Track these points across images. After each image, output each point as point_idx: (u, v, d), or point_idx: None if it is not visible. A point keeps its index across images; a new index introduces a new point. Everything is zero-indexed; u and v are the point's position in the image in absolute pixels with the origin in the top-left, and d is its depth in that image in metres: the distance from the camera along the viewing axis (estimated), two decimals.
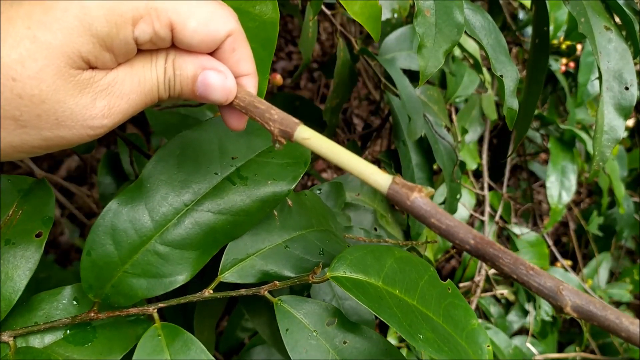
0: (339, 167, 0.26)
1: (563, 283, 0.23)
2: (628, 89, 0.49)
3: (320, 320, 0.39)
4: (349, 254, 0.39)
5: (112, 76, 0.27)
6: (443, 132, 0.86)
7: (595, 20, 0.50)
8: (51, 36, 0.24)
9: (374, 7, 0.43)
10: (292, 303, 0.39)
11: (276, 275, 0.40)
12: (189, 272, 0.38)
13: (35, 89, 0.24)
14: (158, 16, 0.26)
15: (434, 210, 0.24)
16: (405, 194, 0.24)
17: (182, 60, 0.28)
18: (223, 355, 0.77)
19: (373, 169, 0.25)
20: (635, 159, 1.39)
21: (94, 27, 0.25)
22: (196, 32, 0.27)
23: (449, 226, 0.24)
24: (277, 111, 0.29)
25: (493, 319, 1.13)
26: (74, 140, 0.27)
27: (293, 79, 0.84)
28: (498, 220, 1.18)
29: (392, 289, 0.38)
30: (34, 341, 0.36)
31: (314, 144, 0.27)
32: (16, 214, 0.37)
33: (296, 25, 1.66)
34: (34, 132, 0.25)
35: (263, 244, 0.41)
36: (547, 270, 1.15)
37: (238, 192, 0.39)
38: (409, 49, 0.83)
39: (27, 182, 0.39)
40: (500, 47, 0.50)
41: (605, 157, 0.50)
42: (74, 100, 0.25)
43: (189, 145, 0.39)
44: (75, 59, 0.25)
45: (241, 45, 0.29)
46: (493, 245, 0.23)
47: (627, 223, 1.39)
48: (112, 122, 0.27)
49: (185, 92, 0.29)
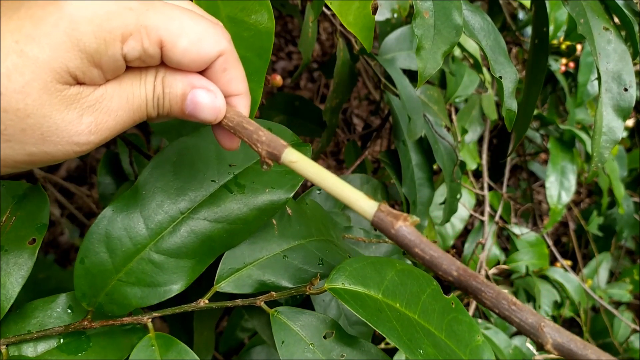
0: (326, 191, 0.26)
1: (544, 319, 0.22)
2: (627, 90, 0.49)
3: (318, 333, 0.38)
4: (348, 265, 0.39)
5: (100, 92, 0.27)
6: (443, 132, 0.86)
7: (594, 21, 0.50)
8: (39, 51, 0.24)
9: (367, 17, 0.42)
10: (289, 314, 0.38)
11: (273, 285, 0.40)
12: (184, 281, 0.37)
13: (20, 103, 0.24)
14: (148, 34, 0.26)
15: (418, 239, 0.24)
16: (390, 222, 0.24)
17: (172, 79, 0.28)
18: (223, 355, 0.77)
19: (359, 195, 0.25)
20: (635, 159, 1.39)
21: (82, 43, 0.24)
22: (187, 51, 0.27)
23: (433, 257, 0.24)
24: (265, 133, 0.29)
25: (493, 319, 1.13)
26: (59, 156, 0.26)
27: (293, 79, 0.84)
28: (498, 220, 1.18)
29: (393, 302, 0.38)
30: (26, 350, 0.36)
31: (300, 167, 0.27)
32: (10, 220, 0.37)
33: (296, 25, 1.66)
34: (19, 146, 0.25)
35: (261, 253, 0.41)
36: (547, 270, 1.16)
37: (235, 200, 0.38)
38: (408, 49, 0.83)
39: (22, 188, 0.39)
40: (499, 48, 0.50)
41: (603, 158, 0.50)
42: (60, 116, 0.25)
43: (186, 152, 0.39)
44: (62, 74, 0.25)
45: (232, 66, 0.29)
46: (476, 277, 0.23)
47: (626, 223, 1.39)
48: (98, 138, 0.27)
49: (174, 110, 0.29)
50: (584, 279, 1.33)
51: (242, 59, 0.35)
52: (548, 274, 1.16)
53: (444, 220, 0.88)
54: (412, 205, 0.76)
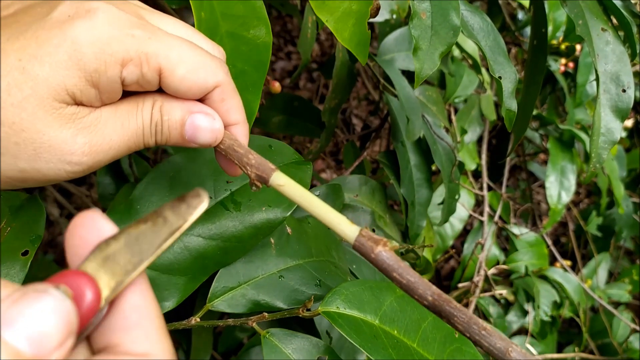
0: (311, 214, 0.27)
1: (512, 344, 0.24)
2: (625, 91, 0.49)
3: (310, 357, 0.37)
4: (344, 288, 0.38)
5: (96, 115, 0.27)
6: (442, 133, 0.86)
7: (592, 22, 0.50)
8: (39, 68, 0.25)
9: (362, 34, 0.42)
10: (281, 337, 0.37)
11: (267, 306, 0.39)
12: (176, 298, 0.37)
13: (16, 117, 0.25)
14: (148, 60, 0.27)
15: (396, 264, 0.25)
16: (371, 247, 0.25)
17: (170, 106, 0.29)
18: (221, 355, 0.77)
19: (341, 220, 0.26)
20: (634, 160, 1.39)
21: (82, 62, 0.25)
22: (184, 78, 0.28)
23: (410, 281, 0.25)
24: (255, 156, 0.30)
25: (492, 319, 1.13)
26: (50, 175, 0.26)
27: (292, 79, 0.84)
28: (497, 221, 1.18)
29: (390, 329, 0.37)
30: None
31: (287, 190, 0.28)
32: (4, 231, 0.36)
33: (295, 25, 1.66)
34: (11, 161, 0.25)
35: (256, 272, 0.40)
36: (546, 271, 1.16)
37: (231, 218, 0.38)
38: (407, 50, 0.83)
39: (19, 199, 0.38)
40: (498, 48, 0.50)
41: (602, 159, 0.50)
42: (54, 133, 0.26)
43: (183, 168, 0.38)
44: (60, 92, 0.25)
45: (230, 96, 0.30)
46: (450, 302, 0.24)
47: (626, 223, 1.39)
48: (91, 160, 0.27)
49: (173, 136, 0.29)
50: (583, 279, 1.33)
51: (240, 72, 0.36)
52: (547, 274, 1.16)
53: (443, 221, 0.88)
54: (411, 206, 0.76)
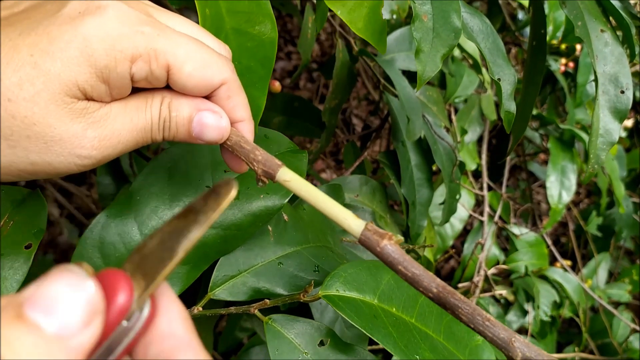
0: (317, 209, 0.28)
1: (515, 335, 0.24)
2: (624, 93, 0.49)
3: (312, 341, 0.38)
4: (343, 271, 0.38)
5: (106, 110, 0.28)
6: (442, 133, 0.86)
7: (591, 24, 0.50)
8: (51, 64, 0.25)
9: (378, 22, 0.42)
10: (283, 322, 0.38)
11: (268, 292, 0.40)
12: (178, 287, 0.37)
13: (28, 111, 0.25)
14: (156, 57, 0.27)
15: (401, 257, 0.26)
16: (376, 240, 0.26)
17: (178, 103, 0.30)
18: (222, 355, 0.77)
19: (347, 214, 0.27)
20: (634, 159, 1.39)
21: (93, 58, 0.26)
22: (191, 76, 0.28)
23: (415, 274, 0.25)
24: (262, 152, 0.30)
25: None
26: (60, 168, 0.27)
27: (292, 80, 0.85)
28: (497, 221, 1.18)
29: (389, 307, 0.38)
30: None
31: (293, 186, 0.29)
32: (7, 225, 0.37)
33: (295, 25, 1.66)
34: (23, 154, 0.26)
35: (256, 260, 0.41)
36: (546, 271, 1.16)
37: (230, 206, 0.38)
38: (407, 50, 0.83)
39: (21, 193, 0.39)
40: (497, 50, 0.50)
41: (600, 160, 0.50)
42: (65, 127, 0.26)
43: (181, 158, 0.39)
44: (71, 87, 0.26)
45: (236, 93, 0.31)
46: (454, 295, 0.25)
47: (626, 223, 1.39)
48: (100, 154, 0.28)
49: (180, 132, 0.30)
50: (583, 279, 1.33)
51: (246, 68, 0.36)
52: (547, 274, 1.16)
53: (443, 221, 0.88)
54: (411, 206, 0.76)
